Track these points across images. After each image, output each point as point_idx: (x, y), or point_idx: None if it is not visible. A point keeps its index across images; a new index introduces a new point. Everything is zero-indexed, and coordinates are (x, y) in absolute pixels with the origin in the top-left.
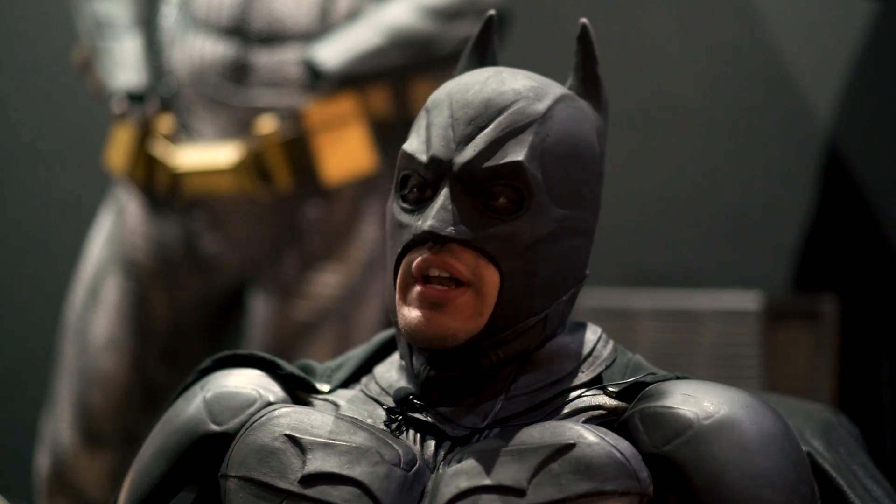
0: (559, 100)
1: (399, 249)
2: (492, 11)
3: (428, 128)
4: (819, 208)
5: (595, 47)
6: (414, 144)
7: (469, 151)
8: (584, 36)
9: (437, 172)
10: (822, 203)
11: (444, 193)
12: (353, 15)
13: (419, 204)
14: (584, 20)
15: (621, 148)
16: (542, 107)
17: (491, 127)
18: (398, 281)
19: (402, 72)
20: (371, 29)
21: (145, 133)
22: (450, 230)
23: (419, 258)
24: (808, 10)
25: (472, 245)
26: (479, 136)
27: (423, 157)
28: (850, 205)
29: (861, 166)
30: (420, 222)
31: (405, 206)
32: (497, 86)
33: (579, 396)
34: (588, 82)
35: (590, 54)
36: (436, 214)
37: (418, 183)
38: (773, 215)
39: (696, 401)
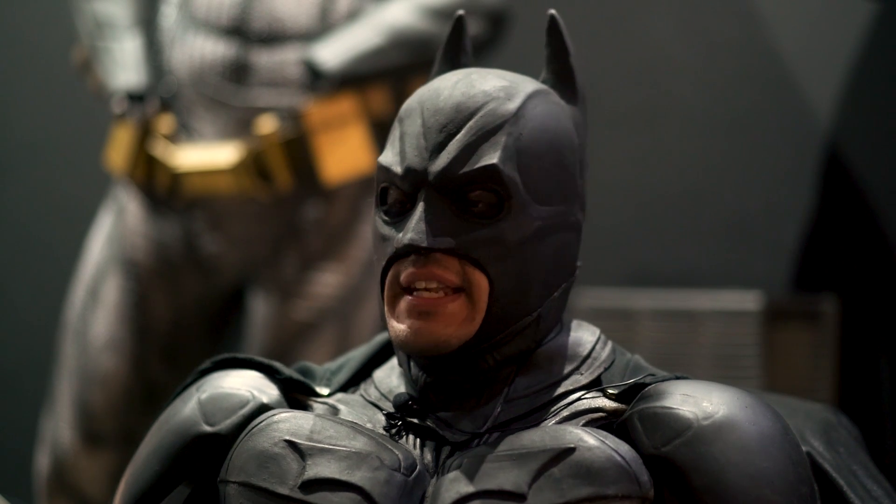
0: (531, 96)
1: (384, 262)
2: (461, 12)
3: (402, 138)
4: (819, 208)
5: (566, 37)
6: (389, 157)
7: (443, 159)
8: (553, 27)
9: (413, 183)
10: (822, 203)
11: (422, 204)
12: (353, 15)
13: (400, 216)
14: (552, 11)
15: (622, 148)
16: (513, 106)
17: (463, 132)
18: (385, 293)
19: (402, 72)
20: (371, 29)
21: (145, 133)
22: (430, 241)
23: (405, 272)
24: (808, 11)
25: (456, 253)
26: (451, 143)
27: (398, 169)
28: (850, 205)
29: (861, 166)
30: (401, 235)
31: (386, 218)
32: (466, 89)
33: (578, 399)
34: (561, 74)
35: (561, 45)
36: (415, 227)
37: (397, 194)
38: (773, 215)
39: (695, 401)
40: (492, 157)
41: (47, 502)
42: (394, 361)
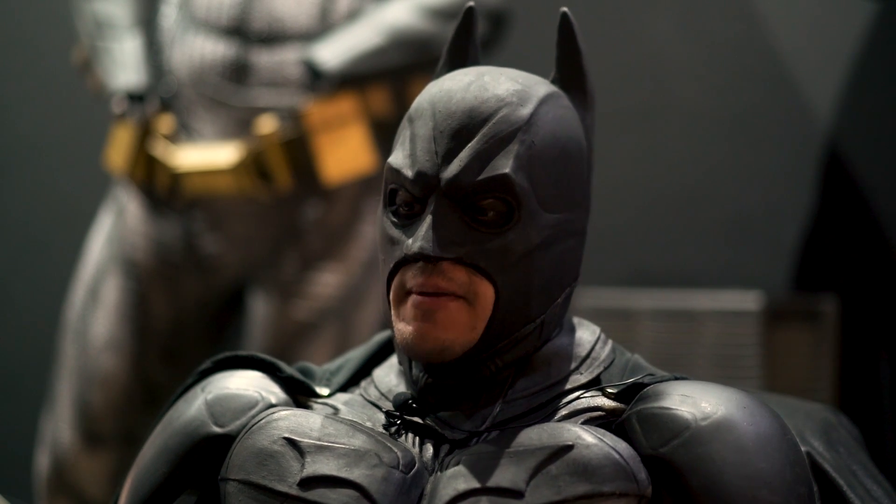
0: (543, 101)
1: (391, 265)
2: (471, 3)
3: (412, 140)
4: (819, 208)
5: (579, 38)
6: (399, 158)
7: (455, 166)
8: (565, 26)
9: (423, 188)
10: (822, 203)
11: (432, 211)
12: (353, 15)
13: (409, 219)
14: (564, 9)
15: (622, 147)
16: (526, 112)
17: (475, 139)
18: (392, 297)
19: (402, 72)
20: (371, 29)
21: (145, 133)
22: (439, 251)
23: (412, 278)
24: (808, 10)
25: (465, 262)
26: (463, 150)
27: (409, 173)
28: (850, 205)
29: (861, 166)
30: (411, 242)
31: (395, 220)
32: (479, 92)
33: (577, 398)
34: (573, 75)
35: (573, 46)
36: (425, 235)
37: (406, 197)
38: (773, 215)
39: (693, 402)
40: (504, 167)
41: (47, 502)
42: (393, 360)
